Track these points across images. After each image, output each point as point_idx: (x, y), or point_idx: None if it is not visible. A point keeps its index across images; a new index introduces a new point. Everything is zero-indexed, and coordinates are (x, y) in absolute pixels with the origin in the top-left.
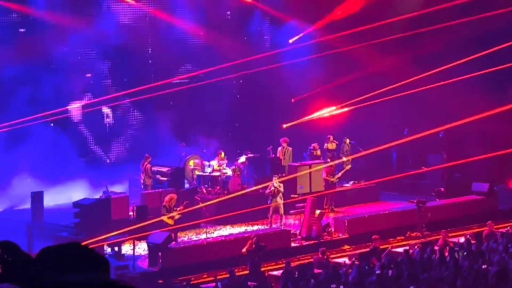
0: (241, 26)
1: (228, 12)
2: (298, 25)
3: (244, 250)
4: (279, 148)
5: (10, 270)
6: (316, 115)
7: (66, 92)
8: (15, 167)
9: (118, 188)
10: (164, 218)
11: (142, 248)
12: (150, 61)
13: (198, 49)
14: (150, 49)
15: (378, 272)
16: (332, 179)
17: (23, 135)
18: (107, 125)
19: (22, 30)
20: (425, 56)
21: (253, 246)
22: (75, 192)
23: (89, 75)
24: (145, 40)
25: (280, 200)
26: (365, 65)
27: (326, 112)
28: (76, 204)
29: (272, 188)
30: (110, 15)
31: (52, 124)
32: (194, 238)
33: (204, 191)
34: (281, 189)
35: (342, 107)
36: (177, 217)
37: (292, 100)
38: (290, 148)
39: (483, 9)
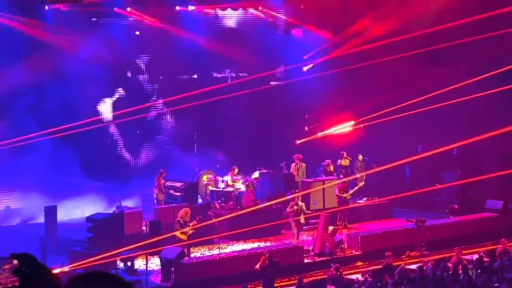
0: (257, 39)
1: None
2: (312, 39)
3: (257, 266)
4: (293, 164)
5: (27, 282)
6: (330, 131)
7: (79, 106)
8: (28, 181)
9: (131, 203)
10: (177, 233)
11: (155, 263)
12: (161, 77)
13: (212, 61)
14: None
15: None
16: (345, 196)
17: (35, 149)
18: (120, 140)
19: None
20: (441, 73)
21: (266, 262)
22: (88, 207)
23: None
24: (157, 54)
25: (302, 220)
26: (379, 81)
27: (340, 128)
28: (89, 218)
29: (295, 207)
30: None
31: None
32: (207, 253)
33: (218, 206)
34: (304, 208)
35: (356, 124)
36: (190, 232)
37: (306, 117)
38: (304, 164)
39: (498, 27)
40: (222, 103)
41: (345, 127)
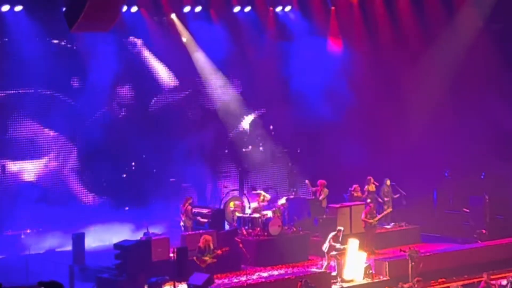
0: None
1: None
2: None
3: None
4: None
5: None
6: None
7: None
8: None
9: (158, 230)
10: (195, 258)
11: None
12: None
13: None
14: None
15: None
16: (371, 221)
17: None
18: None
19: None
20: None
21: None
22: (116, 234)
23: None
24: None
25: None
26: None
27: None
28: (117, 245)
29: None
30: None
31: None
32: (235, 280)
33: (245, 232)
34: (337, 245)
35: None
36: (209, 261)
37: None
38: (327, 190)
39: None
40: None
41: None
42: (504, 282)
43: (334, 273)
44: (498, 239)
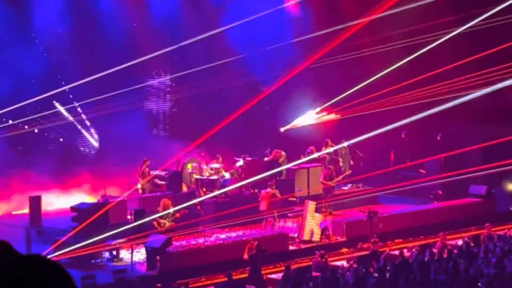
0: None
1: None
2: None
3: (245, 256)
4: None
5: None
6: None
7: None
8: (15, 170)
9: (115, 192)
10: (155, 223)
11: (140, 252)
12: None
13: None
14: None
15: (376, 275)
16: (330, 183)
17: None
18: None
19: None
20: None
21: (254, 251)
22: (73, 197)
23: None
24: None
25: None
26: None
27: (323, 117)
28: (73, 208)
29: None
30: None
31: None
32: (192, 241)
33: (202, 194)
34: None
35: (340, 113)
36: (168, 224)
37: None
38: (284, 153)
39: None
40: (209, 90)
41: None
42: (460, 242)
43: (295, 235)
44: (454, 199)
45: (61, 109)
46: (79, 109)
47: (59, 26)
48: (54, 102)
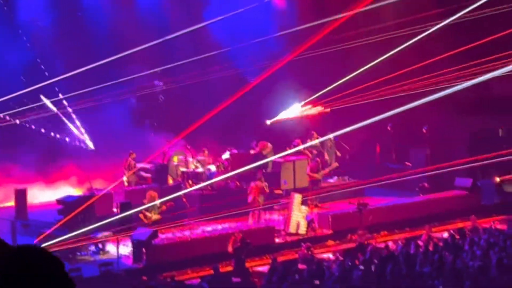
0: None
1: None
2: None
3: (230, 248)
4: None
5: None
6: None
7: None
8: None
9: (101, 185)
10: (141, 216)
11: (126, 245)
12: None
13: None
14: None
15: (362, 267)
16: (316, 176)
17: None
18: (89, 122)
19: None
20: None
21: (238, 243)
22: (59, 190)
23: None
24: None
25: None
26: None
27: (310, 110)
28: (59, 201)
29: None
30: None
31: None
32: (178, 234)
33: (188, 187)
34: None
35: (326, 105)
36: (154, 217)
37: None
38: (270, 145)
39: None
40: (195, 84)
41: (315, 108)
42: (445, 234)
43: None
44: (439, 192)
45: (47, 101)
46: (64, 101)
47: (43, 18)
48: (40, 95)
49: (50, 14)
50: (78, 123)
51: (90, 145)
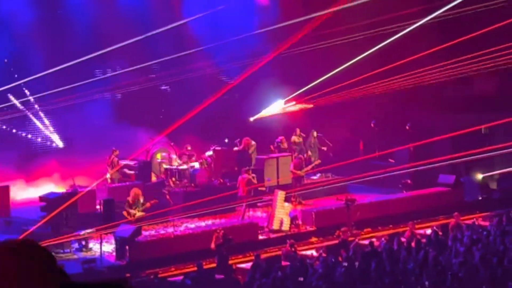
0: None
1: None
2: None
3: (212, 245)
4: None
5: None
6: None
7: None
8: None
9: (84, 182)
10: (124, 213)
11: (109, 241)
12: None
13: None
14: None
15: (345, 264)
16: (299, 173)
17: None
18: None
19: None
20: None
21: (221, 240)
22: (41, 187)
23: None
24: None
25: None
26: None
27: (292, 106)
28: (42, 198)
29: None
30: None
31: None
32: (162, 231)
33: (172, 184)
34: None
35: (308, 102)
36: (138, 214)
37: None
38: (254, 142)
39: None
40: (178, 81)
41: (297, 105)
42: (428, 231)
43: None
44: (423, 189)
45: (15, 101)
46: (31, 99)
47: (23, 15)
48: (9, 95)
49: (28, 11)
50: (46, 121)
51: (59, 143)
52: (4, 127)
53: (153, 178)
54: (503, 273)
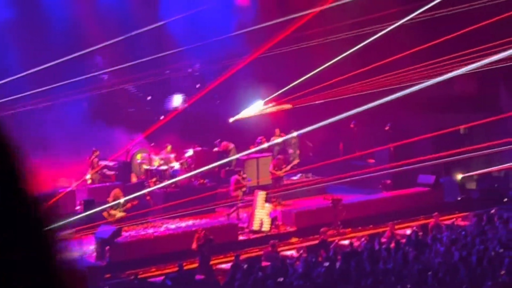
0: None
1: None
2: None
3: (194, 245)
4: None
5: None
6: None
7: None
8: None
9: (64, 182)
10: (105, 214)
11: (89, 243)
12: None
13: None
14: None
15: (326, 264)
16: (279, 173)
17: None
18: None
19: None
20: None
21: (202, 240)
22: None
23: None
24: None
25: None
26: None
27: (273, 107)
28: None
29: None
30: None
31: None
32: (142, 232)
33: (152, 185)
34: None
35: (289, 103)
36: (118, 215)
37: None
38: (233, 145)
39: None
40: (159, 81)
41: (277, 106)
42: (408, 231)
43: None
44: (403, 189)
45: None
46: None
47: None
48: None
49: (7, 8)
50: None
51: None
52: None
53: (133, 179)
54: (482, 272)
